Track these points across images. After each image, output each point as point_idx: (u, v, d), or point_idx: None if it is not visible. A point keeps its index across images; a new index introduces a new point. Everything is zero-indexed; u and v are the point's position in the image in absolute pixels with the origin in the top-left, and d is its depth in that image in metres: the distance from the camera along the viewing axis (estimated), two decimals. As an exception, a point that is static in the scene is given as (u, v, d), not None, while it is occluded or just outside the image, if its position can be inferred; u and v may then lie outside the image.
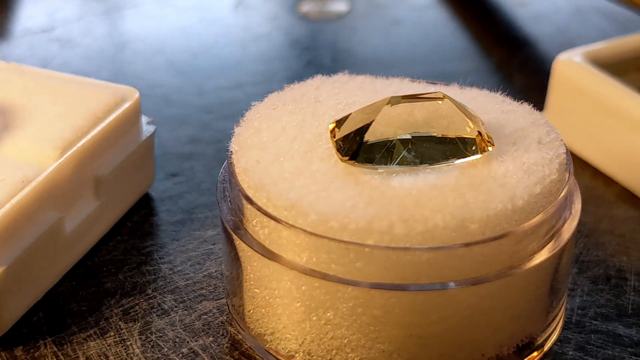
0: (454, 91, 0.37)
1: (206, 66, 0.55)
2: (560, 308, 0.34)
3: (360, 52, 0.58)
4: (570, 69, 0.45)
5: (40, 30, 0.59)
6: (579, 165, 0.45)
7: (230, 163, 0.33)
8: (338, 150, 0.32)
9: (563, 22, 0.60)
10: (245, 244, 0.32)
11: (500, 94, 0.36)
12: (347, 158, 0.32)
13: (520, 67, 0.55)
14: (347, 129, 0.32)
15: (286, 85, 0.37)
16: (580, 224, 0.39)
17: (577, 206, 0.33)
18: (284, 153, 0.33)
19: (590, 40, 0.50)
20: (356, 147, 0.32)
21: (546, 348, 0.34)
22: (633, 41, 0.47)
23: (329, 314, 0.31)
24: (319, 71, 0.45)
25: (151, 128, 0.42)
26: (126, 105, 0.40)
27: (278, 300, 0.32)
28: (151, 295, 0.37)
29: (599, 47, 0.46)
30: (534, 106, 0.48)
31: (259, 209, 0.31)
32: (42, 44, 0.57)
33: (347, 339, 0.31)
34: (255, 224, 0.32)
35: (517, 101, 0.36)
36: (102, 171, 0.38)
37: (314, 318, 0.31)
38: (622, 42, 0.47)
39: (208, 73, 0.54)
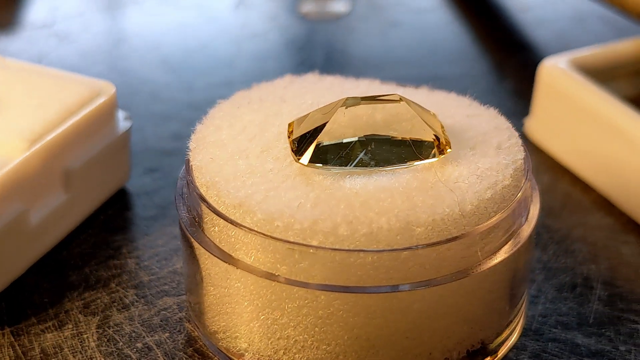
0: (422, 94, 0.37)
1: (199, 64, 0.55)
2: (517, 314, 0.34)
3: (355, 53, 0.57)
4: (554, 74, 0.45)
5: (42, 25, 0.59)
6: (559, 171, 0.45)
7: (187, 160, 0.33)
8: (293, 150, 0.32)
9: (564, 28, 0.60)
10: (197, 241, 0.32)
11: (468, 98, 0.36)
12: (300, 158, 0.32)
13: (515, 72, 0.54)
14: (303, 129, 0.32)
15: (255, 84, 0.37)
16: (552, 230, 0.39)
17: (534, 212, 0.33)
18: (240, 151, 0.33)
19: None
20: (310, 147, 0.32)
21: (500, 354, 0.33)
22: (620, 48, 0.46)
23: (275, 314, 0.31)
24: (311, 71, 0.45)
25: (127, 124, 0.42)
26: (101, 100, 0.40)
27: (228, 298, 0.32)
28: (114, 290, 0.37)
29: (585, 53, 0.46)
30: (523, 110, 0.48)
31: (209, 206, 0.31)
32: (41, 38, 0.57)
33: (294, 339, 0.31)
34: (207, 221, 0.32)
35: (507, 105, 0.36)
36: (72, 165, 0.39)
37: (262, 317, 0.31)
38: (610, 49, 0.46)
39: (200, 70, 0.54)
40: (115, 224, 0.41)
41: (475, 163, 0.32)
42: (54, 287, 0.37)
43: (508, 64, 0.56)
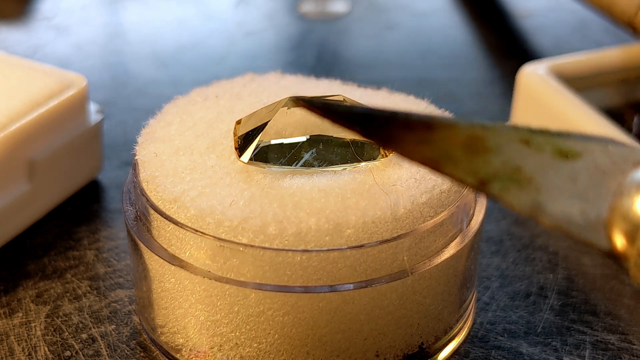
0: (380, 96, 0.37)
1: (190, 59, 0.55)
2: (460, 320, 0.34)
3: (346, 54, 0.57)
4: (532, 80, 0.44)
5: (43, 17, 0.60)
6: (533, 179, 0.44)
7: (133, 154, 0.34)
8: (236, 148, 0.32)
9: (564, 34, 0.59)
10: (137, 236, 0.32)
11: (426, 101, 0.36)
12: (242, 156, 0.32)
13: (506, 77, 0.54)
14: (248, 127, 0.32)
15: (215, 80, 0.38)
16: (515, 238, 0.39)
17: (478, 218, 0.33)
18: (185, 148, 0.33)
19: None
20: (252, 146, 0.32)
21: (439, 359, 0.33)
22: (601, 56, 0.46)
23: (208, 310, 0.31)
24: (300, 70, 0.45)
25: (99, 117, 0.42)
26: (70, 92, 0.40)
27: (165, 294, 0.32)
28: (69, 280, 0.37)
29: (565, 60, 0.45)
30: (507, 116, 0.48)
31: (148, 201, 0.31)
32: (40, 30, 0.58)
33: (227, 337, 0.31)
34: (147, 216, 0.32)
35: (491, 110, 0.35)
36: (37, 155, 0.39)
37: (196, 314, 0.31)
38: (590, 57, 0.46)
39: (190, 67, 0.54)
40: (80, 216, 0.41)
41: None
42: (10, 276, 0.37)
43: (501, 69, 0.55)
